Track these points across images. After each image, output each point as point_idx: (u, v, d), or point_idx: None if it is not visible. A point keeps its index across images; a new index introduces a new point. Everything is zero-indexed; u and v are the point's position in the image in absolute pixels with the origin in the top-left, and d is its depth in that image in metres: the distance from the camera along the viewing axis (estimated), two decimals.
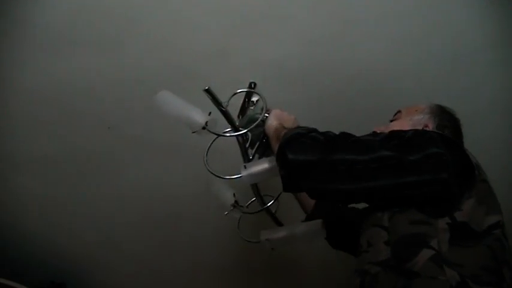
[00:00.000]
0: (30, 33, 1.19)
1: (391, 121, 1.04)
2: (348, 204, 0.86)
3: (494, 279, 0.68)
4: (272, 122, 0.95)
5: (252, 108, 1.00)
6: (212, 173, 0.99)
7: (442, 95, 1.30)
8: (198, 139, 1.33)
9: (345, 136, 0.81)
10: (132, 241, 1.59)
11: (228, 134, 0.97)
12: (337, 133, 0.83)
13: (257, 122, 0.96)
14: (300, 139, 0.81)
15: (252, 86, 1.08)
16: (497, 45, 1.22)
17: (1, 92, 1.29)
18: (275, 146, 0.90)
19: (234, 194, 1.09)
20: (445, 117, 0.99)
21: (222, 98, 0.94)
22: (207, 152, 1.04)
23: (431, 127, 0.96)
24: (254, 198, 1.09)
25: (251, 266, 1.10)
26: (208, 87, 0.89)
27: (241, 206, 1.08)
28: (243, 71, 1.23)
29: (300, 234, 1.00)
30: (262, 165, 0.94)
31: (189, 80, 1.12)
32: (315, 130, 0.85)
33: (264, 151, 1.03)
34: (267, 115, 1.01)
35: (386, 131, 0.85)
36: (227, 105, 0.95)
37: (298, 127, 0.90)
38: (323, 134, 0.83)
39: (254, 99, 1.08)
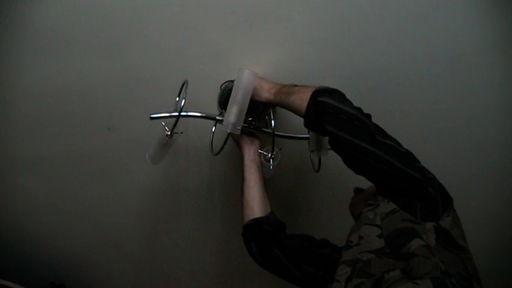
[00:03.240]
0: (30, 35, 1.19)
1: None
2: (353, 163, 0.88)
3: (467, 285, 0.72)
4: (263, 83, 1.07)
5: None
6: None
7: (442, 96, 1.31)
8: (198, 140, 1.34)
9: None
10: (131, 242, 1.59)
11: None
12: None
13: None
14: (341, 95, 0.92)
15: None
16: (498, 46, 1.22)
17: (1, 94, 1.29)
18: (284, 96, 0.99)
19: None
20: None
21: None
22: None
23: None
24: (275, 152, 1.17)
25: (253, 266, 1.10)
26: None
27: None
28: None
29: None
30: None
31: (189, 80, 1.12)
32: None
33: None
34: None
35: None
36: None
37: None
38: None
39: None
